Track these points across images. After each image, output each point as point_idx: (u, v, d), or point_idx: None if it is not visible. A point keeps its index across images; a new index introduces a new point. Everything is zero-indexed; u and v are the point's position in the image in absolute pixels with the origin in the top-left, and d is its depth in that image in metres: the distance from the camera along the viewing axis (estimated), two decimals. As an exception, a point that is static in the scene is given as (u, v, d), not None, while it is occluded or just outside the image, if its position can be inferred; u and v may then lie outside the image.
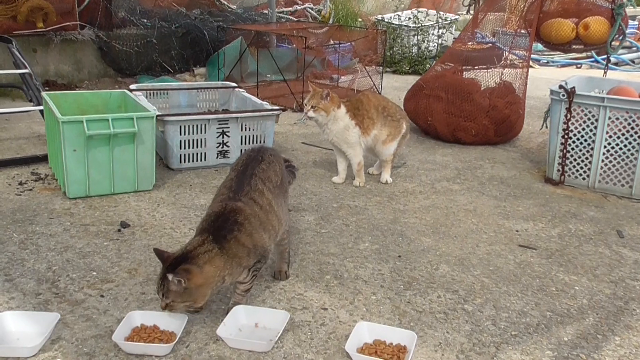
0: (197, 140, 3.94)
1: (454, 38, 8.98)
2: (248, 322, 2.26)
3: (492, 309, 2.48)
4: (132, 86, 4.53)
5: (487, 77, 5.33)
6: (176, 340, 2.09)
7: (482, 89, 5.21)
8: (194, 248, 2.10)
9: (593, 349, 2.24)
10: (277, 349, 2.13)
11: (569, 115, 3.93)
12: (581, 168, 4.01)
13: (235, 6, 8.33)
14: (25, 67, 4.29)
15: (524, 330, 2.34)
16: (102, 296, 2.40)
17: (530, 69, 5.46)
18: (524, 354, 2.18)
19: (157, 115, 3.60)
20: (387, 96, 4.97)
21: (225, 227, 2.16)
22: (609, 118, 3.80)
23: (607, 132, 3.83)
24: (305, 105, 3.68)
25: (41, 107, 3.97)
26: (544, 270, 2.86)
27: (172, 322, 2.18)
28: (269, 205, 2.33)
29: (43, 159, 3.93)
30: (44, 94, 3.71)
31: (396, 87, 7.49)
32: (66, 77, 6.46)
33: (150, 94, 4.55)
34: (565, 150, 4.01)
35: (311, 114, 3.64)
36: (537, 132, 5.41)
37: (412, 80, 6.04)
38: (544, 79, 8.28)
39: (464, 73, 5.40)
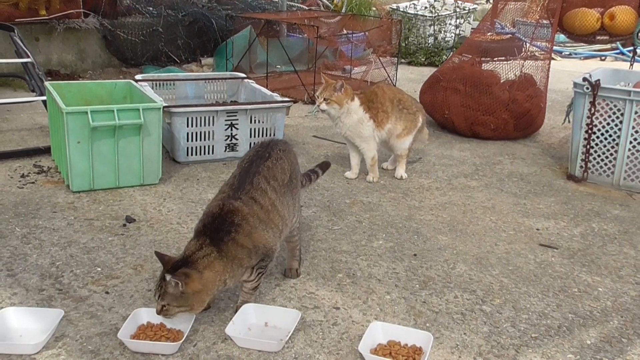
0: (204, 132, 3.95)
1: (472, 28, 8.94)
2: (258, 321, 2.27)
3: (512, 310, 2.47)
4: (138, 76, 4.55)
5: (506, 69, 5.31)
6: (183, 338, 2.10)
7: (501, 81, 5.20)
8: (193, 252, 2.11)
9: (617, 353, 2.23)
10: (288, 349, 2.13)
11: (593, 109, 3.90)
12: (605, 165, 3.98)
13: (244, -6, 8.34)
14: (28, 56, 4.32)
15: (545, 332, 2.34)
16: (107, 293, 2.42)
17: (552, 61, 5.43)
18: (545, 357, 2.18)
19: (164, 107, 3.62)
20: (402, 88, 4.96)
21: (222, 229, 2.16)
22: (636, 112, 3.77)
23: (633, 127, 3.80)
24: (317, 97, 3.68)
25: (44, 98, 4.00)
26: (566, 270, 2.85)
27: (179, 320, 2.19)
28: (272, 204, 2.31)
29: (46, 151, 3.96)
30: (46, 83, 3.74)
31: (411, 79, 7.48)
32: (69, 67, 6.50)
33: (156, 85, 4.57)
34: (588, 146, 3.98)
35: (324, 106, 3.64)
36: (559, 127, 5.38)
37: (428, 72, 6.03)
38: (566, 71, 8.23)
39: (483, 65, 5.38)
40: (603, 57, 10.07)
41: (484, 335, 2.29)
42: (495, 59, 5.61)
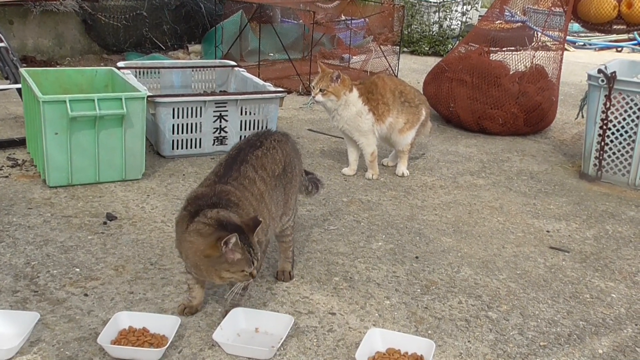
0: (191, 124, 3.96)
1: (480, 16, 8.97)
2: (248, 327, 2.28)
3: (519, 317, 2.49)
4: (120, 64, 4.55)
5: (516, 60, 5.34)
6: (168, 344, 2.11)
7: (510, 72, 5.22)
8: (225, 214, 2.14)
9: (631, 363, 2.25)
10: (280, 356, 2.15)
11: (608, 103, 3.92)
12: (620, 163, 4.01)
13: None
14: (1, 41, 4.31)
15: (554, 340, 2.36)
16: (85, 295, 2.43)
17: (565, 52, 5.46)
18: (554, 367, 2.20)
19: (148, 96, 3.63)
20: (404, 79, 4.99)
21: (219, 205, 2.18)
22: (654, 107, 3.80)
23: (651, 123, 3.83)
24: (313, 88, 3.69)
25: (19, 86, 4.00)
26: (578, 275, 2.87)
27: (163, 324, 2.21)
28: (260, 195, 2.34)
29: (20, 142, 3.96)
30: (22, 70, 3.74)
31: (414, 69, 7.50)
32: (46, 53, 6.49)
33: (139, 73, 4.57)
34: (603, 143, 4.00)
35: (319, 98, 3.65)
36: (572, 122, 5.41)
37: (432, 62, 6.05)
38: (580, 63, 8.27)
39: (491, 55, 5.40)
40: (619, 48, 10.12)
41: (489, 344, 2.31)
42: (505, 49, 5.64)
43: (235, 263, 2.09)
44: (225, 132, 4.07)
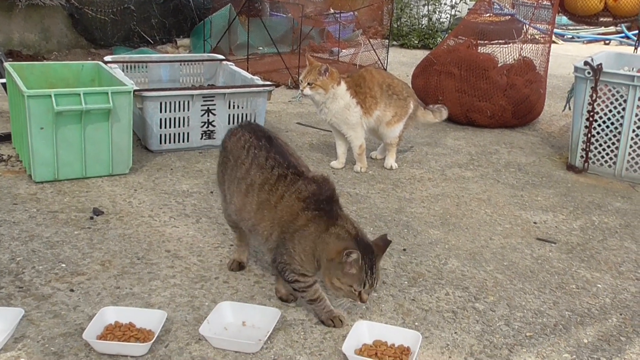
0: (179, 118, 3.94)
1: (468, 9, 8.96)
2: (235, 320, 2.28)
3: (506, 308, 2.50)
4: (107, 58, 4.52)
5: (504, 53, 5.34)
6: (154, 339, 2.10)
7: (499, 65, 5.23)
8: (349, 227, 2.17)
9: (615, 352, 2.26)
10: (267, 349, 2.14)
11: (594, 95, 3.94)
12: (607, 154, 4.02)
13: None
14: (-13, 35, 4.27)
15: (540, 331, 2.37)
16: (71, 290, 2.42)
17: (553, 45, 5.47)
18: (540, 357, 2.21)
19: (135, 90, 3.61)
20: (393, 73, 4.98)
21: (334, 198, 2.25)
22: (639, 99, 3.81)
23: (637, 115, 3.85)
24: (301, 81, 3.68)
25: (3, 80, 3.96)
26: (564, 266, 2.88)
27: (149, 319, 2.20)
28: None
29: (5, 138, 3.93)
30: (6, 64, 3.71)
31: (403, 62, 7.50)
32: (32, 47, 6.44)
33: (127, 67, 4.54)
34: (589, 135, 4.02)
35: (307, 91, 3.64)
36: (560, 115, 5.43)
37: (421, 55, 6.05)
38: (568, 56, 8.30)
39: (479, 48, 5.41)
40: (607, 41, 10.15)
41: (476, 335, 2.31)
42: (493, 42, 5.65)
43: (348, 276, 2.12)
44: (213, 126, 4.05)
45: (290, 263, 2.23)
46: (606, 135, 3.99)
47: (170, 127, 3.93)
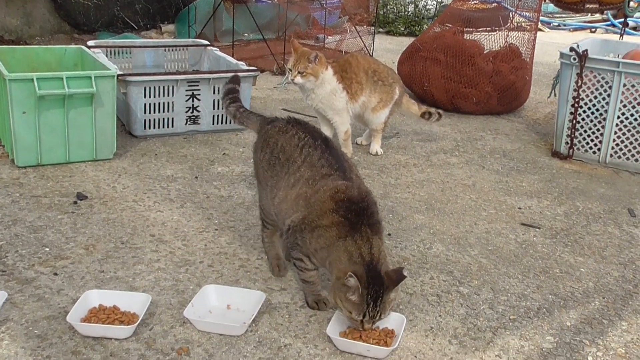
0: (163, 103, 3.92)
1: (455, -4, 8.96)
2: (219, 304, 2.28)
3: (490, 292, 2.52)
4: (90, 42, 4.48)
5: (490, 40, 5.35)
6: (138, 322, 2.10)
7: (485, 52, 5.24)
8: (371, 253, 2.08)
9: (597, 335, 2.29)
10: (251, 332, 2.15)
11: (580, 81, 3.96)
12: (592, 141, 4.06)
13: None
14: (-33, 19, 4.22)
15: (524, 314, 2.39)
16: (55, 274, 2.41)
17: (539, 33, 5.49)
18: (523, 340, 2.23)
19: (119, 75, 3.58)
20: (379, 59, 4.97)
21: (367, 211, 2.15)
22: (624, 85, 3.84)
23: (622, 101, 3.88)
24: (290, 70, 3.64)
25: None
26: (548, 250, 2.91)
27: (133, 302, 2.20)
28: None
29: (-12, 123, 3.89)
30: (-12, 48, 3.67)
31: (389, 49, 7.50)
32: (14, 32, 6.36)
33: (110, 52, 4.51)
34: (574, 121, 4.05)
35: (299, 80, 3.60)
36: (545, 102, 5.46)
37: (407, 42, 6.05)
38: (554, 43, 8.33)
39: (465, 35, 5.41)
40: (593, 29, 10.21)
41: (460, 318, 2.34)
42: (479, 29, 5.65)
43: (349, 302, 2.05)
44: (198, 111, 4.03)
45: (302, 246, 2.22)
46: (591, 121, 4.02)
47: (154, 112, 3.91)
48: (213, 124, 4.11)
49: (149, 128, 3.94)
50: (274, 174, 2.37)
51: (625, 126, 3.91)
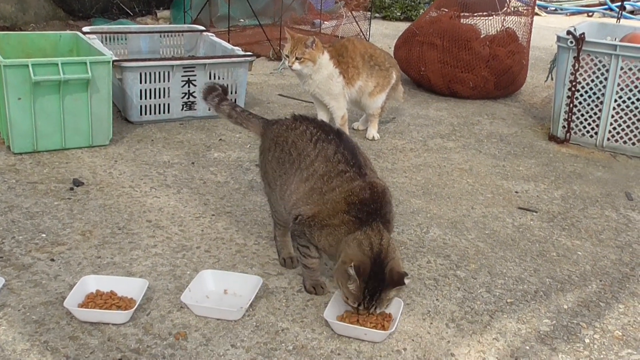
0: (159, 89, 3.90)
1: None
2: (216, 289, 2.28)
3: (487, 275, 2.52)
4: (85, 29, 4.45)
5: (487, 24, 5.32)
6: (135, 307, 2.10)
7: (481, 36, 5.21)
8: (381, 246, 2.06)
9: (595, 317, 2.29)
10: (249, 317, 2.15)
11: (577, 65, 3.94)
12: (589, 124, 4.05)
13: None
14: (-39, 5, 4.19)
15: (521, 297, 2.39)
16: (52, 260, 2.40)
17: (535, 17, 5.46)
18: (520, 323, 2.23)
19: (114, 61, 3.56)
20: (376, 45, 4.95)
21: (381, 211, 2.13)
22: (621, 68, 3.83)
23: (619, 85, 3.86)
24: (287, 57, 3.61)
25: (-20, 51, 3.89)
26: (545, 234, 2.91)
27: (131, 287, 2.19)
28: None
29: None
30: (-18, 34, 3.64)
31: (386, 34, 7.46)
32: (9, 19, 6.31)
33: (106, 39, 4.47)
34: (571, 105, 4.04)
35: (297, 66, 3.58)
36: (542, 86, 5.44)
37: (403, 27, 6.01)
38: (551, 27, 8.30)
39: (462, 20, 5.38)
40: (590, 13, 10.16)
41: (457, 301, 2.34)
42: (476, 14, 5.61)
43: (347, 289, 2.05)
44: (194, 97, 4.01)
45: (309, 237, 2.20)
46: (588, 105, 4.01)
47: (150, 98, 3.89)
48: (209, 109, 4.07)
49: (145, 114, 3.91)
50: (283, 172, 2.32)
51: (623, 109, 3.90)
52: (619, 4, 6.09)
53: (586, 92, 3.99)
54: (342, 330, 2.09)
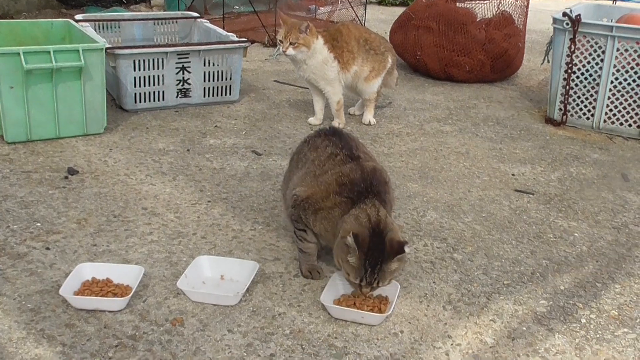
0: (153, 77, 3.88)
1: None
2: (212, 275, 2.27)
3: (484, 258, 2.52)
4: (78, 16, 4.42)
5: (483, 8, 5.30)
6: (132, 293, 2.10)
7: (477, 19, 5.19)
8: (378, 218, 2.05)
9: (591, 298, 2.30)
10: (245, 302, 2.15)
11: (573, 47, 3.93)
12: (585, 107, 4.04)
13: None
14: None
15: (518, 279, 2.39)
16: (47, 249, 2.40)
17: (531, 0, 5.44)
18: (517, 304, 2.24)
19: (107, 48, 3.54)
20: (372, 30, 4.93)
21: (372, 189, 2.14)
22: (617, 50, 3.81)
23: (615, 66, 3.85)
24: (282, 42, 3.59)
25: (-28, 40, 3.87)
26: (542, 216, 2.91)
27: (127, 275, 2.19)
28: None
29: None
30: (-26, 23, 3.61)
31: (382, 19, 7.43)
32: (0, 7, 6.27)
33: (99, 26, 4.45)
34: (568, 87, 4.02)
35: (291, 51, 3.56)
36: (539, 69, 5.43)
37: (399, 12, 5.98)
38: (547, 10, 8.26)
39: (458, 3, 5.35)
40: (587, -4, 10.10)
41: (454, 284, 2.34)
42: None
43: (348, 264, 2.04)
44: (189, 84, 4.00)
45: (305, 222, 2.22)
46: (584, 87, 4.00)
47: (144, 85, 3.87)
48: (204, 96, 4.08)
49: (140, 102, 3.90)
50: (292, 176, 2.42)
51: (619, 91, 3.89)
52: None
53: (582, 74, 3.98)
54: (339, 314, 2.09)
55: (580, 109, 4.06)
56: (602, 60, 3.88)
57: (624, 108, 3.90)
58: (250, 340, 1.97)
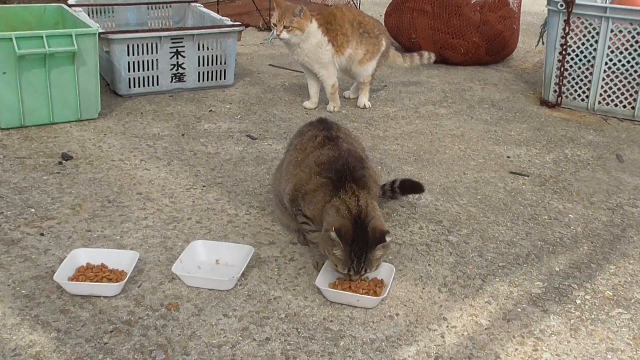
0: (147, 61, 3.84)
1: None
2: (208, 259, 2.26)
3: (479, 240, 2.51)
4: (71, 1, 4.36)
5: (478, -10, 5.25)
6: (126, 279, 2.08)
7: (472, 2, 5.13)
8: (359, 208, 2.05)
9: (586, 279, 2.28)
10: (241, 286, 2.13)
11: (567, 28, 3.89)
12: (580, 88, 4.01)
13: None
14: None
15: (513, 261, 2.38)
16: (42, 235, 2.37)
17: (526, -21, 5.39)
18: (512, 286, 2.22)
19: (100, 33, 3.49)
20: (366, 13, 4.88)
21: (349, 166, 2.16)
22: (612, 31, 3.78)
23: (609, 47, 3.82)
24: (276, 26, 3.55)
25: (-36, 26, 3.82)
26: (537, 198, 2.89)
27: (121, 260, 2.17)
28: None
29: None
30: (-35, 9, 3.56)
31: (376, 2, 7.36)
32: (-6, -7, 6.19)
33: (92, 12, 4.41)
34: (562, 69, 3.99)
35: (285, 35, 3.52)
36: (534, 51, 5.39)
37: (394, -7, 5.91)
38: (542, -8, 8.20)
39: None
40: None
41: (449, 266, 2.32)
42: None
43: (334, 256, 2.04)
44: (183, 68, 3.96)
45: (302, 209, 2.22)
46: (579, 68, 3.97)
47: (139, 70, 3.83)
48: (199, 81, 4.04)
49: (134, 87, 3.86)
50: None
51: (613, 72, 3.86)
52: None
53: (577, 55, 3.95)
54: (334, 297, 2.08)
55: (575, 91, 4.03)
56: (596, 42, 3.84)
57: (619, 89, 3.87)
58: (246, 324, 1.95)
